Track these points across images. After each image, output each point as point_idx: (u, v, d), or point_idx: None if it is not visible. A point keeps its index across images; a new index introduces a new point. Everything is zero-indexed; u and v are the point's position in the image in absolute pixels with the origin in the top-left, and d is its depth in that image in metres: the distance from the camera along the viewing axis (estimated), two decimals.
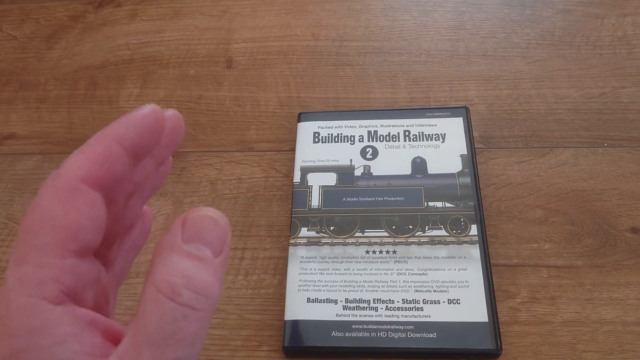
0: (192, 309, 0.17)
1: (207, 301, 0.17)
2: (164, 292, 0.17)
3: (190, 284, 0.17)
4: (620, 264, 0.42)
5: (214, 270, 0.18)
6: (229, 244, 0.19)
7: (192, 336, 0.17)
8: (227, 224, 0.19)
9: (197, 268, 0.17)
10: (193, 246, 0.17)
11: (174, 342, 0.16)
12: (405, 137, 0.49)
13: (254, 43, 0.59)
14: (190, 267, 0.17)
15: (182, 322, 0.16)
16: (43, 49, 0.62)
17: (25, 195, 0.50)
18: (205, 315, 0.17)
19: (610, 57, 0.54)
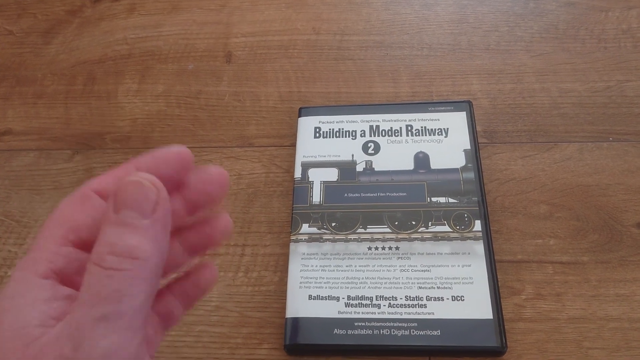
0: (116, 270, 0.18)
1: (133, 261, 0.19)
2: (94, 261, 0.19)
3: (113, 250, 0.19)
4: (627, 259, 0.42)
5: (143, 231, 0.19)
6: (163, 202, 0.20)
7: (117, 293, 0.18)
8: (153, 185, 0.20)
9: (123, 234, 0.19)
10: (122, 214, 0.19)
11: (99, 300, 0.18)
12: (407, 132, 0.48)
13: (253, 37, 0.58)
14: (117, 235, 0.19)
15: (105, 281, 0.18)
16: (40, 44, 0.61)
17: (21, 191, 0.50)
18: (133, 274, 0.19)
19: (615, 51, 0.53)
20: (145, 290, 0.19)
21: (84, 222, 0.21)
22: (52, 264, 0.20)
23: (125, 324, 0.18)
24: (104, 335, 0.18)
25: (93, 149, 0.52)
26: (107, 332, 0.18)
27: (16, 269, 0.21)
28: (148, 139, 0.52)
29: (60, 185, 0.50)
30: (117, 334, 0.18)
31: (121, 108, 0.55)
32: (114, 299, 0.18)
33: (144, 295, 0.19)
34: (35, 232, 0.47)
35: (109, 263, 0.19)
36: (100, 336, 0.18)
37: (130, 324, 0.18)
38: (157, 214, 0.20)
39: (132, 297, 0.18)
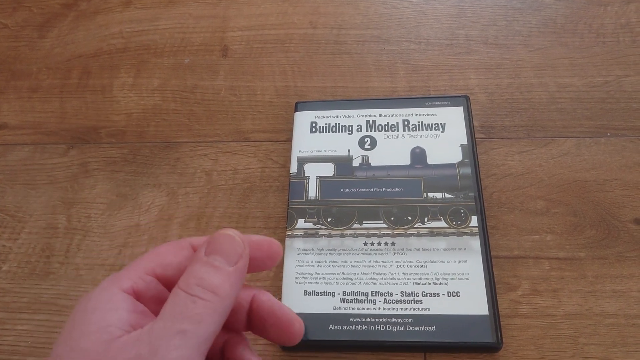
0: (200, 298, 0.22)
1: (214, 296, 0.22)
2: (181, 287, 0.23)
3: (201, 283, 0.22)
4: (624, 255, 0.42)
5: (227, 275, 0.23)
6: (245, 257, 0.24)
7: (198, 316, 0.21)
8: (243, 241, 0.24)
9: (211, 273, 0.23)
10: (212, 258, 0.23)
11: (181, 318, 0.21)
12: (404, 127, 0.48)
13: (250, 31, 0.58)
14: (205, 272, 0.23)
15: (190, 305, 0.22)
16: (35, 37, 0.61)
17: (16, 186, 0.50)
18: (213, 305, 0.22)
19: (613, 45, 0.53)
20: (216, 322, 0.22)
21: (173, 262, 0.25)
22: (135, 284, 0.24)
23: (197, 344, 0.21)
24: (178, 347, 0.21)
25: (88, 143, 0.52)
26: (181, 345, 0.21)
27: (104, 281, 0.24)
28: (143, 133, 0.52)
29: (55, 179, 0.50)
30: (188, 350, 0.21)
31: (116, 102, 0.54)
32: (194, 320, 0.21)
33: (214, 326, 0.22)
34: (30, 226, 0.47)
35: (195, 291, 0.22)
36: (174, 347, 0.21)
37: (199, 345, 0.21)
38: (239, 264, 0.24)
39: (207, 324, 0.22)
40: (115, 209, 0.47)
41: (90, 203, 0.48)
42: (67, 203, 0.48)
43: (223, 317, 0.23)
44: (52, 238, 0.46)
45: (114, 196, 0.48)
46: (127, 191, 0.48)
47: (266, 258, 0.27)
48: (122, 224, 0.47)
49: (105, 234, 0.46)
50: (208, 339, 0.22)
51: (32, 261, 0.45)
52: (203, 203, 0.47)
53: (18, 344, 0.41)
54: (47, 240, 0.46)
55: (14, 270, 0.45)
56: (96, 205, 0.48)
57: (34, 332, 0.42)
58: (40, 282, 0.44)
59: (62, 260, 0.45)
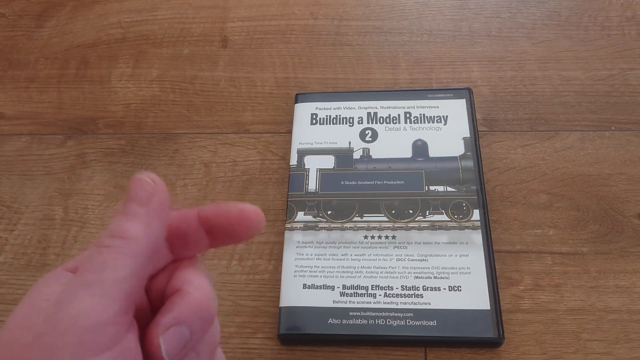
0: (105, 246, 0.21)
1: (122, 241, 0.21)
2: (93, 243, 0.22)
3: (107, 231, 0.22)
4: (627, 250, 0.41)
5: (138, 218, 0.22)
6: (158, 194, 0.23)
7: (101, 264, 0.21)
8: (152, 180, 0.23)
9: (122, 220, 0.22)
10: (127, 205, 0.22)
11: (85, 269, 0.21)
12: (406, 119, 0.47)
13: (250, 22, 0.57)
14: (117, 221, 0.22)
15: (94, 256, 0.21)
16: (33, 27, 0.60)
17: (12, 176, 0.49)
18: (119, 250, 0.21)
19: (618, 38, 0.52)
20: (129, 266, 0.21)
21: None
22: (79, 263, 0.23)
23: (104, 291, 0.20)
24: (82, 298, 0.20)
25: (86, 134, 0.51)
26: (85, 295, 0.20)
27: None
28: (142, 124, 0.51)
29: (52, 170, 0.49)
30: (94, 299, 0.20)
31: (115, 93, 0.54)
32: (97, 269, 0.21)
33: (127, 269, 0.21)
34: (26, 218, 0.46)
35: (100, 241, 0.21)
36: (79, 299, 0.20)
37: (108, 292, 0.20)
38: (152, 204, 0.22)
39: (114, 270, 0.21)
40: (113, 200, 0.47)
41: (88, 194, 0.47)
42: (64, 194, 0.48)
43: (140, 257, 0.22)
44: (49, 229, 0.46)
45: (111, 187, 0.48)
46: (124, 182, 0.48)
47: (235, 224, 0.25)
48: None
49: (103, 226, 0.45)
50: (119, 283, 0.21)
51: (28, 252, 0.45)
52: (202, 195, 0.46)
53: None
54: (44, 231, 0.46)
55: (10, 261, 0.44)
56: (93, 196, 0.47)
57: None
58: (37, 273, 0.44)
59: (58, 252, 0.44)
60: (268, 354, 0.39)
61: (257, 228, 0.25)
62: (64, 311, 0.20)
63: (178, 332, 0.22)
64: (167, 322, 0.22)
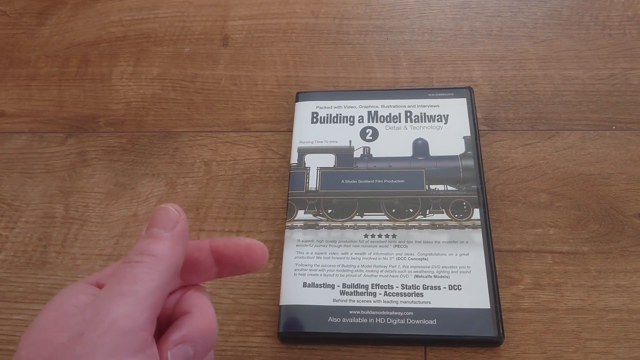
0: (135, 262, 0.24)
1: (151, 257, 0.24)
2: (123, 261, 0.24)
3: (135, 251, 0.25)
4: (627, 250, 0.41)
5: (164, 239, 0.25)
6: (182, 222, 0.26)
7: (133, 277, 0.23)
8: (177, 210, 0.26)
9: (149, 242, 0.25)
10: (150, 230, 0.25)
11: (118, 280, 0.23)
12: (406, 118, 0.47)
13: (251, 20, 0.57)
14: (144, 243, 0.25)
15: (126, 269, 0.24)
16: (34, 25, 0.60)
17: (13, 175, 0.49)
18: (149, 265, 0.24)
19: (619, 38, 0.52)
20: (155, 280, 0.24)
21: None
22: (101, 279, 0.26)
23: (136, 301, 0.23)
24: (117, 305, 0.22)
25: (86, 132, 0.51)
26: (120, 304, 0.22)
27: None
28: (142, 122, 0.51)
29: (52, 168, 0.49)
30: (127, 307, 0.22)
31: (115, 91, 0.54)
32: (130, 281, 0.23)
33: (154, 283, 0.23)
34: (27, 215, 0.46)
35: (130, 258, 0.24)
36: (114, 306, 0.22)
37: (140, 302, 0.23)
38: (176, 230, 0.26)
39: (144, 282, 0.23)
40: (113, 198, 0.47)
41: (88, 192, 0.47)
42: (65, 192, 0.48)
43: (165, 274, 0.24)
44: (49, 227, 0.46)
45: (112, 185, 0.48)
46: (125, 181, 0.48)
47: (244, 257, 0.28)
48: (120, 213, 0.46)
49: (103, 224, 0.46)
50: (149, 294, 0.23)
51: (28, 250, 0.45)
52: (202, 193, 0.46)
53: (14, 334, 0.41)
54: (44, 229, 0.46)
55: (10, 259, 0.44)
56: (94, 194, 0.47)
57: (30, 322, 0.41)
58: (37, 271, 0.44)
59: (59, 250, 0.45)
60: (268, 352, 0.39)
61: (262, 262, 0.28)
62: (102, 315, 0.22)
63: (184, 349, 0.25)
64: (176, 339, 0.25)
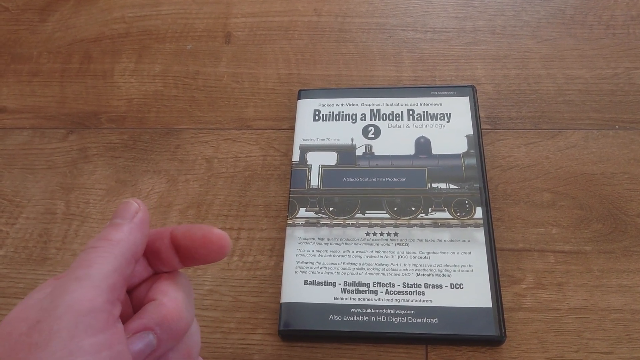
0: (92, 247, 0.24)
1: (107, 242, 0.24)
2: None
3: (94, 238, 0.25)
4: (630, 250, 0.41)
5: (120, 227, 0.25)
6: (141, 212, 0.26)
7: (89, 261, 0.23)
8: (137, 203, 0.27)
9: (105, 231, 0.25)
10: (111, 221, 0.26)
11: (76, 267, 0.23)
12: (409, 116, 0.47)
13: (254, 18, 0.57)
14: (102, 232, 0.25)
15: (82, 255, 0.24)
16: (36, 21, 0.60)
17: (14, 170, 0.49)
18: (104, 249, 0.24)
19: (623, 37, 0.52)
20: (112, 262, 0.24)
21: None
22: None
23: (92, 283, 0.23)
24: (73, 290, 0.22)
25: (88, 128, 0.51)
26: (76, 287, 0.22)
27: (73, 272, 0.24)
28: (144, 119, 0.51)
29: (54, 164, 0.49)
30: (83, 290, 0.22)
31: (117, 87, 0.54)
32: (84, 265, 0.23)
33: (110, 266, 0.24)
34: (27, 211, 0.46)
35: (90, 244, 0.25)
36: (70, 291, 0.22)
37: (97, 283, 0.23)
38: (135, 219, 0.26)
39: (100, 265, 0.23)
40: (115, 195, 0.47)
41: (89, 189, 0.47)
42: (66, 188, 0.48)
43: (121, 257, 0.24)
44: (50, 223, 0.46)
45: (113, 182, 0.48)
46: (126, 177, 0.48)
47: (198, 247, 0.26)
48: None
49: (104, 220, 0.45)
50: (106, 277, 0.23)
51: (29, 246, 0.45)
52: (203, 190, 0.46)
53: None
54: (45, 225, 0.46)
55: (11, 255, 0.44)
56: (95, 191, 0.47)
57: None
58: (37, 267, 0.44)
59: (59, 246, 0.44)
60: (268, 349, 0.39)
61: (220, 254, 0.26)
62: (58, 300, 0.22)
63: (144, 337, 0.24)
64: (133, 327, 0.24)
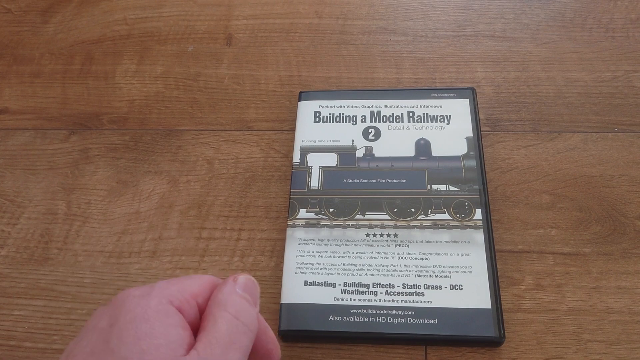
0: (248, 329, 0.26)
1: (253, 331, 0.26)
2: (231, 312, 0.26)
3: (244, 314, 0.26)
4: (629, 252, 0.41)
5: (255, 312, 0.27)
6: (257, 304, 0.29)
7: (245, 347, 0.25)
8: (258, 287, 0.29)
9: (248, 308, 0.27)
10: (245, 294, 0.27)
11: (235, 347, 0.24)
12: (409, 118, 0.47)
13: (255, 20, 0.57)
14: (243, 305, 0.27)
15: (242, 335, 0.25)
16: (38, 22, 0.60)
17: (16, 171, 0.49)
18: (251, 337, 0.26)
19: (623, 40, 0.52)
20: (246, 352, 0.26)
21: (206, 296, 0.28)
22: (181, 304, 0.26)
23: None
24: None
25: (89, 129, 0.51)
26: None
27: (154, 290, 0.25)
28: (145, 120, 0.51)
29: (55, 165, 0.49)
30: None
31: (119, 89, 0.54)
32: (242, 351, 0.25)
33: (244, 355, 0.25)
34: (29, 212, 0.47)
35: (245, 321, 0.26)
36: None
37: None
38: (257, 307, 0.28)
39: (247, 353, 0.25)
40: (116, 195, 0.47)
41: (91, 189, 0.48)
42: (67, 189, 0.48)
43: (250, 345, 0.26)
44: (51, 224, 0.46)
45: (114, 183, 0.48)
46: (127, 178, 0.48)
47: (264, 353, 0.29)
48: (122, 210, 0.46)
49: (105, 221, 0.46)
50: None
51: (30, 246, 0.45)
52: (204, 191, 0.46)
53: (15, 329, 0.41)
54: (46, 225, 0.46)
55: (12, 255, 0.45)
56: (96, 191, 0.47)
57: (31, 317, 0.41)
58: (39, 267, 0.44)
59: (60, 247, 0.45)
60: None
61: None
62: None
63: None
64: None
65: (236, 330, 0.25)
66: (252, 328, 0.26)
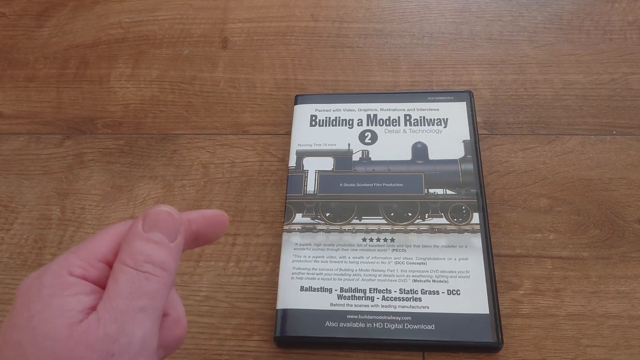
0: (152, 274, 0.23)
1: (163, 272, 0.24)
2: (129, 264, 0.23)
3: (149, 260, 0.24)
4: (628, 256, 0.41)
5: (169, 251, 0.24)
6: (182, 233, 0.25)
7: (153, 292, 0.23)
8: (180, 218, 0.25)
9: (155, 250, 0.24)
10: (152, 234, 0.24)
11: (139, 295, 0.23)
12: (405, 122, 0.47)
13: (250, 23, 0.57)
14: (149, 248, 0.24)
15: (144, 282, 0.23)
16: (33, 26, 0.60)
17: (10, 176, 0.49)
18: (163, 280, 0.24)
19: (620, 42, 0.52)
20: (166, 295, 0.24)
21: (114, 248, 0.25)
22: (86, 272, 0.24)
23: (155, 317, 0.23)
24: (142, 321, 0.22)
25: (84, 134, 0.51)
26: (144, 319, 0.22)
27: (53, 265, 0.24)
28: (140, 124, 0.51)
29: (49, 170, 0.49)
30: (150, 323, 0.23)
31: (114, 93, 0.54)
32: (151, 296, 0.23)
33: (165, 299, 0.24)
34: (23, 217, 0.46)
35: (146, 268, 0.23)
36: (140, 322, 0.22)
37: (156, 318, 0.23)
38: (177, 240, 0.25)
39: (161, 298, 0.23)
40: (110, 200, 0.47)
41: (85, 194, 0.47)
42: (62, 194, 0.47)
43: (170, 290, 0.25)
44: (45, 229, 0.45)
45: (109, 187, 0.47)
46: (122, 183, 0.48)
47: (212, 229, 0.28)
48: (116, 215, 0.46)
49: (100, 226, 0.45)
50: (161, 310, 0.24)
51: (24, 252, 0.44)
52: (199, 196, 0.46)
53: None
54: (40, 231, 0.45)
55: (6, 261, 0.44)
56: (91, 196, 0.47)
57: None
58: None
59: (54, 252, 0.44)
60: (264, 356, 0.38)
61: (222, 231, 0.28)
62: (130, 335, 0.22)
63: None
64: None
65: (138, 278, 0.23)
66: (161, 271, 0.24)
